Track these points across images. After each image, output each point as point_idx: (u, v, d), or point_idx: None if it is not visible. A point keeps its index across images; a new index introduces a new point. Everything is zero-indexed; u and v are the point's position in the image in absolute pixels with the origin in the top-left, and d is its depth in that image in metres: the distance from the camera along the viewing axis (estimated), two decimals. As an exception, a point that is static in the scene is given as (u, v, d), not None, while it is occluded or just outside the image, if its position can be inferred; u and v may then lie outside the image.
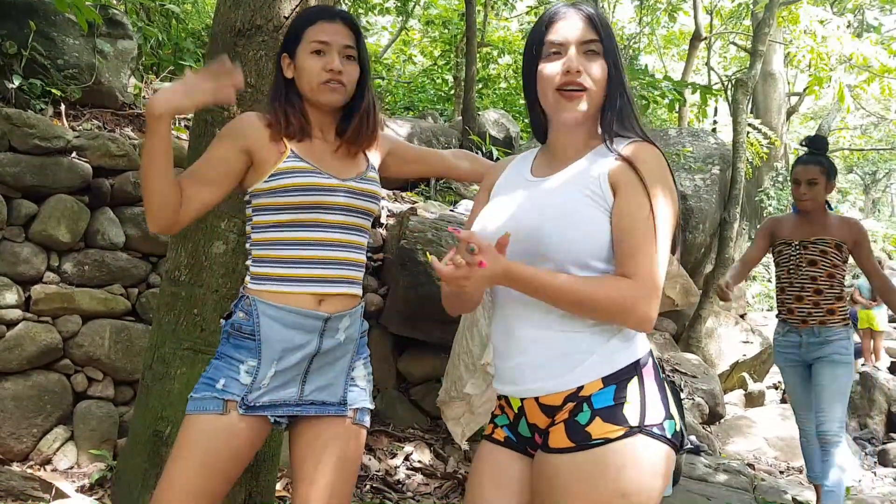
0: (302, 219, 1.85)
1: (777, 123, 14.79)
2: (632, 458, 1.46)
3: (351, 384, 1.94)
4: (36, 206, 3.82)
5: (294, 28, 1.96)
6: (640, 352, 1.54)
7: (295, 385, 1.87)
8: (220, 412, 1.80)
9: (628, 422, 1.47)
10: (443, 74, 12.92)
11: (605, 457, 1.46)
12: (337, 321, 1.88)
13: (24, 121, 3.78)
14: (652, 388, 1.52)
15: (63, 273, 3.89)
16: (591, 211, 1.52)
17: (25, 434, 3.70)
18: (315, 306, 1.85)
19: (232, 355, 1.86)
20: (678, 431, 1.53)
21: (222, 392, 1.82)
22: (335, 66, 1.88)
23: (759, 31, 8.22)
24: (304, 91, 1.92)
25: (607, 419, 1.48)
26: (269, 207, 1.87)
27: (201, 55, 6.63)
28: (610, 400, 1.49)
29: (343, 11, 1.98)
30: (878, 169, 23.84)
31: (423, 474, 4.20)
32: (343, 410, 1.90)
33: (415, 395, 4.89)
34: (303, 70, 1.90)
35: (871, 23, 15.89)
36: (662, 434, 1.49)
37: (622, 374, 1.51)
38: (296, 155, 1.87)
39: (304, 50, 1.90)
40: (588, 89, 1.57)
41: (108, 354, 3.92)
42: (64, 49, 4.53)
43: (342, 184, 1.89)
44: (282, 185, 1.84)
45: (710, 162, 7.73)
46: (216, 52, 2.77)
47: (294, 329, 1.83)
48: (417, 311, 4.51)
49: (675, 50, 18.43)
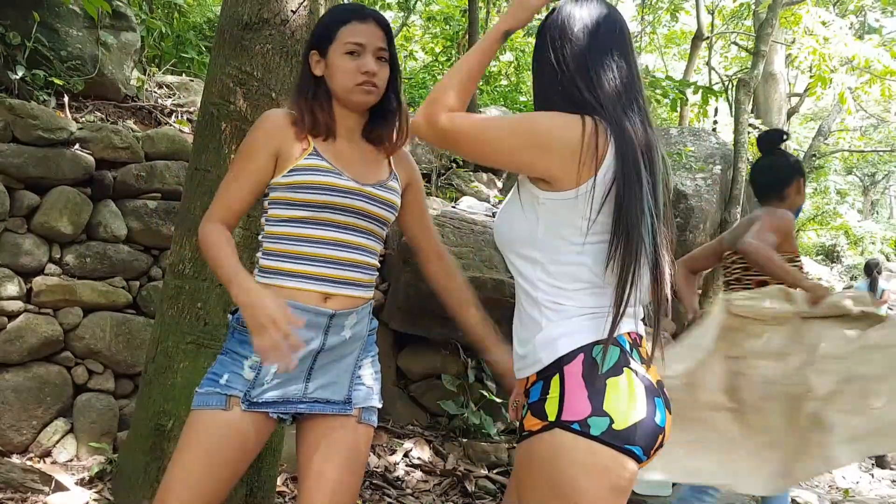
0: (315, 217, 1.84)
1: (777, 124, 14.74)
2: (551, 452, 1.49)
3: (357, 382, 1.92)
4: (38, 198, 3.81)
5: (326, 26, 1.93)
6: (562, 349, 1.53)
7: (299, 382, 1.85)
8: (223, 408, 1.80)
9: (547, 416, 1.50)
10: (444, 70, 12.90)
11: (529, 449, 1.54)
12: (343, 318, 1.87)
13: (28, 112, 3.77)
14: (575, 384, 1.50)
15: (65, 265, 3.89)
16: (514, 202, 1.63)
17: (25, 426, 3.70)
18: (321, 303, 1.84)
19: (237, 350, 1.85)
20: (618, 430, 1.47)
21: (225, 387, 1.81)
22: (371, 69, 1.87)
23: (762, 31, 8.21)
24: (337, 90, 1.90)
25: (534, 413, 1.54)
26: (285, 202, 1.86)
27: (204, 48, 6.62)
28: (538, 394, 1.55)
29: (375, 12, 1.97)
30: (878, 171, 23.81)
31: (422, 471, 4.21)
32: (347, 409, 1.89)
33: (414, 392, 4.89)
34: (336, 69, 1.88)
35: (873, 24, 15.91)
36: (584, 430, 1.46)
37: (547, 371, 1.54)
38: (317, 153, 1.87)
39: (337, 49, 1.88)
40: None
41: (108, 347, 3.91)
42: (67, 40, 4.52)
43: (360, 188, 1.87)
44: (299, 181, 1.83)
45: (711, 162, 7.71)
46: (223, 45, 2.76)
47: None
48: (418, 308, 4.51)
49: (676, 49, 18.41)
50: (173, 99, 5.27)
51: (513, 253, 1.63)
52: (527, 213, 1.59)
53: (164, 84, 5.44)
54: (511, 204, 1.65)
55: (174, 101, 5.21)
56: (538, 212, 1.57)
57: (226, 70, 2.72)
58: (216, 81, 2.75)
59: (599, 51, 1.59)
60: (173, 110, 5.06)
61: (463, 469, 4.29)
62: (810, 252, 20.15)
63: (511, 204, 1.65)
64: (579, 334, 1.54)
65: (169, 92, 5.38)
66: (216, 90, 2.74)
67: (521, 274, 1.61)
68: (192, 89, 5.40)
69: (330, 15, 1.97)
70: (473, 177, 7.37)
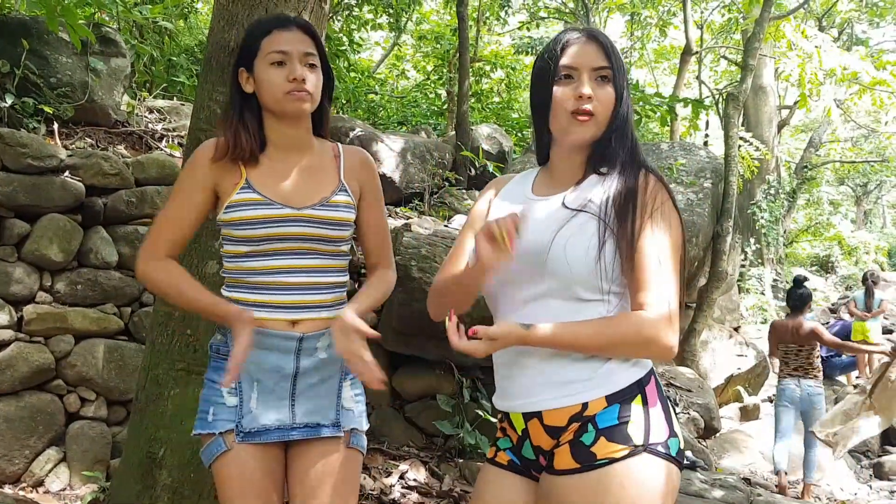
0: (262, 249, 1.81)
1: (768, 136, 14.86)
2: (636, 478, 1.46)
3: (340, 405, 1.90)
4: (28, 226, 3.81)
5: (248, 40, 1.86)
6: (642, 370, 1.55)
7: (284, 409, 1.82)
8: (226, 449, 1.78)
9: (632, 440, 1.48)
10: (435, 89, 12.96)
11: (609, 477, 1.46)
12: (314, 340, 1.83)
13: (17, 140, 3.77)
14: (656, 406, 1.53)
15: (56, 292, 3.87)
16: (593, 231, 1.54)
17: (17, 455, 3.67)
18: (288, 328, 1.81)
19: (214, 378, 1.84)
20: (682, 450, 1.54)
21: (213, 425, 1.79)
22: (298, 75, 1.79)
23: (750, 45, 8.28)
24: (268, 103, 1.84)
25: (611, 438, 1.48)
26: (230, 238, 1.83)
27: (194, 71, 6.64)
28: (614, 419, 1.50)
29: (298, 18, 1.91)
30: (870, 181, 23.93)
31: (418, 493, 4.18)
32: (337, 431, 1.86)
33: (410, 413, 4.87)
34: (263, 82, 1.82)
35: (860, 36, 16.04)
36: (667, 452, 1.50)
37: (625, 393, 1.52)
38: (249, 185, 1.82)
39: (262, 62, 1.81)
40: (595, 115, 1.59)
41: (100, 374, 3.89)
42: (57, 67, 4.53)
43: (297, 213, 1.81)
44: (235, 218, 1.80)
45: (702, 175, 7.74)
46: (210, 72, 2.77)
47: (268, 350, 1.80)
48: (412, 328, 4.50)
49: (666, 64, 18.53)
50: (164, 123, 5.28)
51: (580, 285, 1.54)
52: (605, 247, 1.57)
53: (154, 109, 5.45)
54: (582, 235, 1.55)
55: (165, 126, 5.22)
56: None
57: (213, 96, 2.73)
58: (204, 108, 2.76)
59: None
60: (164, 135, 5.07)
61: (459, 490, 4.26)
62: (805, 263, 20.20)
63: (582, 235, 1.55)
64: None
65: (160, 116, 5.39)
66: (204, 116, 2.75)
67: (603, 301, 1.55)
68: (182, 113, 5.41)
69: (251, 28, 1.91)
70: (466, 195, 7.38)
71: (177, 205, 1.86)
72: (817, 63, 9.17)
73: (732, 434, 7.31)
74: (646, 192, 1.56)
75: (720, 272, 7.62)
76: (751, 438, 7.18)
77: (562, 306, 1.54)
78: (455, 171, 7.89)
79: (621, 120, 1.62)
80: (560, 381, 1.54)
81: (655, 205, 1.55)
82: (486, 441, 4.74)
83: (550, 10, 14.69)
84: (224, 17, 2.76)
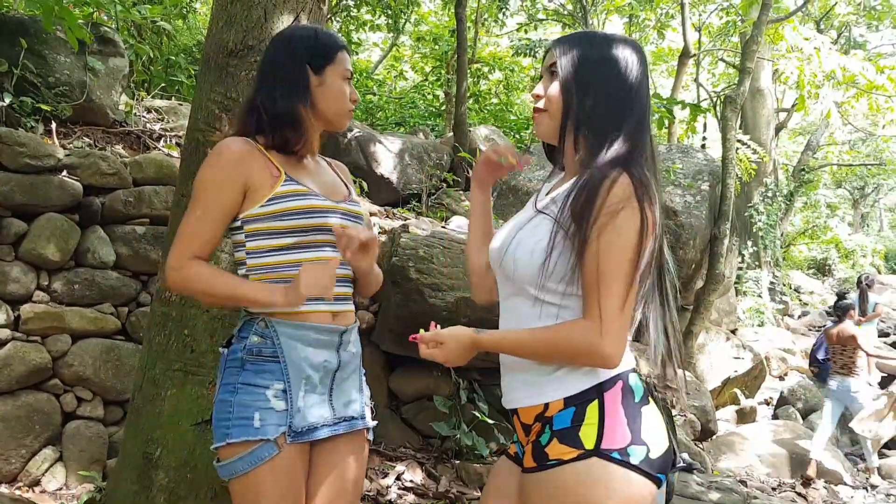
0: (305, 241, 1.83)
1: (766, 139, 14.87)
2: (586, 482, 1.45)
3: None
4: (26, 225, 3.80)
5: (324, 48, 1.91)
6: (603, 375, 1.52)
7: (325, 404, 1.84)
8: (277, 452, 1.74)
9: (583, 445, 1.47)
10: (433, 90, 12.97)
11: (559, 478, 1.48)
12: (349, 334, 1.90)
13: (15, 139, 3.77)
14: (616, 412, 1.50)
15: (53, 292, 3.87)
16: (544, 233, 1.52)
17: (14, 455, 3.67)
18: (330, 321, 1.86)
19: (255, 382, 1.77)
20: (654, 459, 1.49)
21: (263, 430, 1.74)
22: (357, 98, 1.94)
23: (748, 48, 8.27)
24: (327, 111, 1.91)
25: (563, 440, 1.49)
26: (267, 232, 1.82)
27: (192, 72, 6.63)
28: (568, 422, 1.51)
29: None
30: (867, 184, 23.99)
31: (414, 494, 4.17)
32: (366, 423, 1.94)
33: (406, 414, 4.87)
34: (334, 91, 1.91)
35: (858, 39, 16.07)
36: (623, 459, 1.46)
37: (583, 397, 1.51)
38: (291, 178, 1.85)
39: (335, 72, 1.91)
40: (548, 111, 1.61)
41: (97, 374, 3.89)
42: (55, 67, 4.52)
43: (336, 205, 1.89)
44: (281, 209, 1.81)
45: (700, 178, 7.75)
46: (208, 72, 2.77)
47: (315, 347, 1.82)
48: (409, 329, 4.49)
49: (664, 66, 18.55)
50: (162, 123, 5.28)
51: (532, 286, 1.55)
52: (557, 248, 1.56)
53: (152, 108, 5.45)
54: (532, 238, 1.56)
55: (163, 126, 5.21)
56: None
57: (211, 96, 2.73)
58: (202, 108, 2.76)
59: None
60: (162, 135, 5.07)
61: (456, 491, 4.26)
62: (802, 266, 20.23)
63: (532, 238, 1.56)
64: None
65: (158, 116, 5.39)
66: (202, 116, 2.75)
67: (559, 305, 1.54)
68: (180, 113, 5.40)
69: (326, 37, 1.94)
70: (464, 196, 7.38)
71: (209, 204, 1.80)
72: (816, 64, 9.17)
73: (729, 437, 7.31)
74: (607, 194, 1.45)
75: (717, 275, 7.62)
76: (747, 441, 7.17)
77: (523, 306, 1.58)
78: (453, 173, 7.90)
79: (574, 115, 1.56)
80: (528, 381, 1.58)
81: (610, 208, 1.45)
82: (483, 442, 4.74)
83: (548, 12, 14.71)
84: (223, 17, 2.77)
